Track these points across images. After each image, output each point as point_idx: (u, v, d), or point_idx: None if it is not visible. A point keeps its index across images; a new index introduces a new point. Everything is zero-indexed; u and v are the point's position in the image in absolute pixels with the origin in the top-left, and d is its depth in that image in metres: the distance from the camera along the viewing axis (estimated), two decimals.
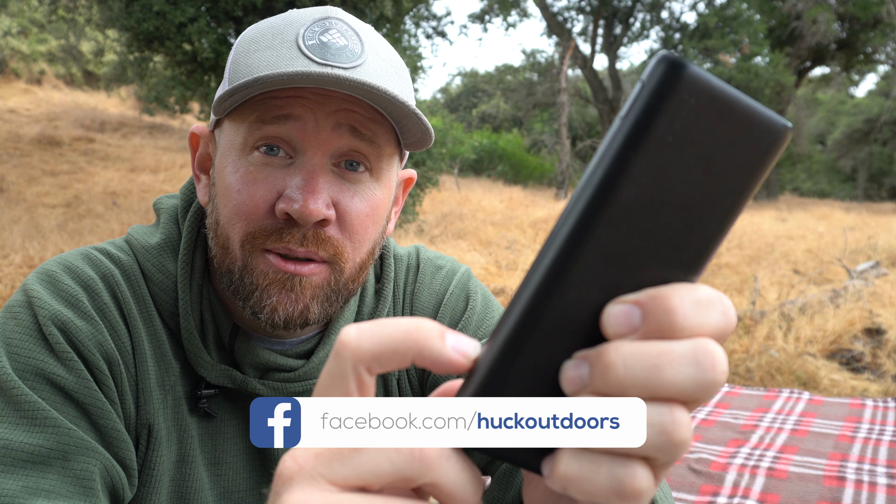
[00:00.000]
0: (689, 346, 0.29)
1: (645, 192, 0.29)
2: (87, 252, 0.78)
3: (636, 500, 0.30)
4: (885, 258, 8.25)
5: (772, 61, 20.37)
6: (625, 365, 0.29)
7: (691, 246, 0.31)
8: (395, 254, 0.94)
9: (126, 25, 9.10)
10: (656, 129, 0.28)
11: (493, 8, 23.69)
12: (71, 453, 0.66)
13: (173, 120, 18.86)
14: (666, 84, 0.28)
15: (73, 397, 0.69)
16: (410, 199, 8.66)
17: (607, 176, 0.29)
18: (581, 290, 0.30)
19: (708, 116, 0.29)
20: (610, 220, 0.29)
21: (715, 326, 0.30)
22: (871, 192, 27.91)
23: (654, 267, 0.31)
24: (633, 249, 0.30)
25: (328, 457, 0.30)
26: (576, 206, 0.30)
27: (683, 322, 0.30)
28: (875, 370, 4.45)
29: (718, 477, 1.63)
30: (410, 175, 0.88)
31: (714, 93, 0.29)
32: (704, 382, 0.29)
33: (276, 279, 0.73)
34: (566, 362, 0.31)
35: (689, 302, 0.30)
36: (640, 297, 0.30)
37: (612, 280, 0.30)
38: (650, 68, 0.29)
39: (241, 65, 0.73)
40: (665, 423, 0.29)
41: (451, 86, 38.68)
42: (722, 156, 0.30)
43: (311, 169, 0.71)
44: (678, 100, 0.28)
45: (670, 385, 0.29)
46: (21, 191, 10.12)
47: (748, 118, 0.29)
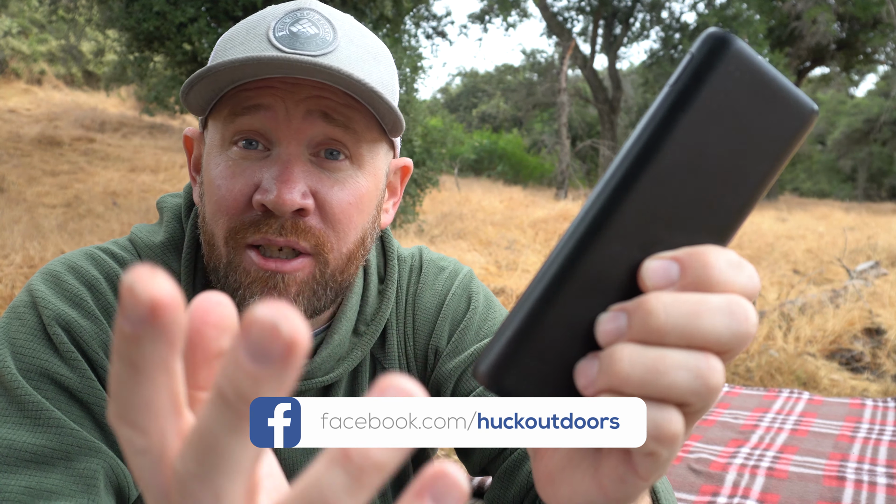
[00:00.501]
0: (724, 299, 0.31)
1: (687, 154, 0.31)
2: (91, 252, 0.79)
3: (672, 443, 0.31)
4: (885, 258, 8.25)
5: (772, 61, 20.37)
6: (666, 311, 0.31)
7: (724, 212, 0.33)
8: (400, 255, 0.94)
9: (126, 25, 9.10)
10: (702, 95, 0.31)
11: (493, 8, 23.68)
12: (74, 453, 0.66)
13: (173, 120, 18.86)
14: (713, 55, 0.31)
15: (78, 397, 0.69)
16: (410, 199, 8.66)
17: (654, 135, 0.31)
18: (620, 244, 0.32)
19: (749, 89, 0.31)
20: (653, 177, 0.31)
21: (744, 286, 0.32)
22: (870, 192, 27.91)
23: (690, 229, 0.32)
24: (672, 208, 0.32)
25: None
26: (622, 163, 0.31)
27: (719, 276, 0.31)
28: (875, 370, 4.45)
29: (718, 477, 1.63)
30: (406, 163, 0.87)
31: (756, 68, 0.31)
32: (738, 332, 0.31)
33: (258, 277, 0.73)
34: (601, 315, 0.32)
35: (724, 260, 0.32)
36: (677, 253, 0.32)
37: (650, 237, 0.32)
38: (699, 41, 0.31)
39: (215, 62, 0.74)
40: (702, 367, 0.30)
41: (451, 86, 38.69)
42: (757, 128, 0.32)
43: (285, 159, 0.71)
44: (724, 70, 0.31)
45: (708, 332, 0.30)
46: (21, 191, 10.12)
47: (783, 95, 0.32)
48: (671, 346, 0.31)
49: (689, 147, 0.31)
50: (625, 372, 0.31)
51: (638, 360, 0.30)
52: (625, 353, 0.31)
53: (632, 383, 0.31)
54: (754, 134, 0.32)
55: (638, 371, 0.30)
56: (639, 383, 0.30)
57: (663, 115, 0.31)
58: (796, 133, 0.32)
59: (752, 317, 0.31)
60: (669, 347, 0.30)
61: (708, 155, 0.31)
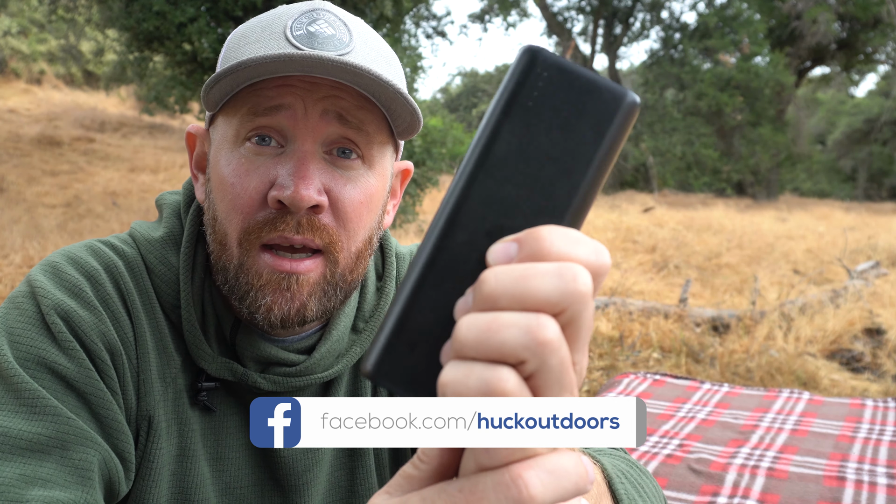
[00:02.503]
0: (555, 264, 0.33)
1: (515, 146, 0.36)
2: (92, 244, 0.79)
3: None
4: (885, 258, 8.25)
5: (772, 61, 20.36)
6: (496, 278, 0.33)
7: (561, 195, 0.36)
8: (398, 252, 0.94)
9: (126, 25, 9.11)
10: (518, 96, 0.36)
11: (493, 8, 23.69)
12: (70, 442, 0.66)
13: (173, 120, 18.87)
14: (523, 63, 0.36)
15: (74, 387, 0.69)
16: (410, 199, 8.66)
17: (485, 134, 0.36)
18: (469, 233, 0.36)
19: (558, 85, 0.36)
20: (489, 171, 0.36)
21: (585, 258, 0.34)
22: (871, 192, 27.91)
23: (530, 214, 0.36)
24: (511, 198, 0.36)
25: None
26: (465, 164, 0.36)
27: (551, 247, 0.34)
28: (875, 370, 4.45)
29: (718, 477, 1.63)
30: (407, 167, 0.88)
31: (562, 67, 0.36)
32: (566, 291, 0.33)
33: (270, 280, 0.73)
34: (459, 299, 0.36)
35: (558, 234, 0.34)
36: (517, 235, 0.35)
37: (495, 226, 0.36)
38: (516, 56, 0.37)
39: (231, 59, 0.74)
40: (531, 325, 0.32)
41: (451, 86, 38.70)
42: (574, 118, 0.36)
43: (301, 156, 0.71)
44: (534, 73, 0.36)
45: (535, 292, 0.33)
46: (21, 191, 10.13)
47: (592, 87, 0.36)
48: (505, 309, 0.33)
49: (515, 140, 0.36)
50: (463, 335, 0.33)
51: (473, 324, 0.33)
52: (464, 321, 0.33)
53: (469, 346, 0.32)
54: (572, 122, 0.36)
55: (473, 333, 0.32)
56: (474, 344, 0.32)
57: (491, 119, 0.36)
58: (614, 118, 0.36)
59: (583, 278, 0.33)
60: (503, 311, 0.33)
61: (534, 145, 0.36)
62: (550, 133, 0.36)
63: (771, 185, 22.44)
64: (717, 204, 16.74)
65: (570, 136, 0.36)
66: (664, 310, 5.21)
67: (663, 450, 1.84)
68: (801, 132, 25.70)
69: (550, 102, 0.36)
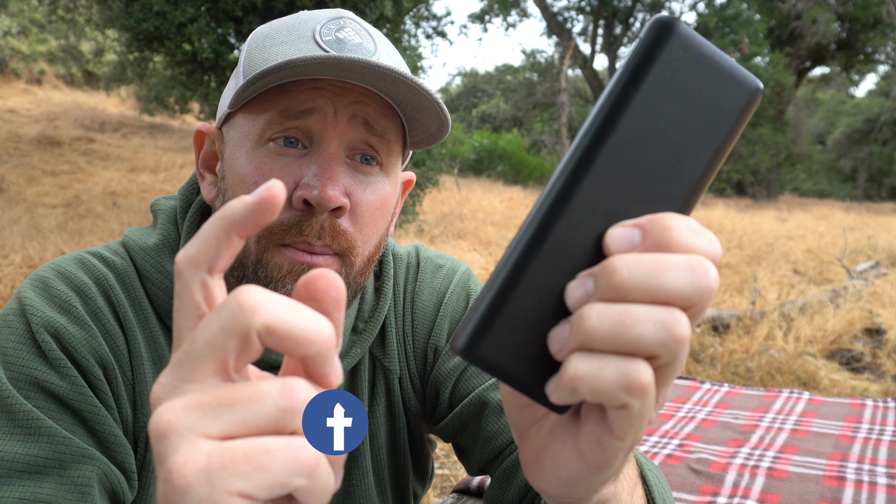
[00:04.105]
0: (685, 257, 0.33)
1: (641, 127, 0.34)
2: (81, 257, 0.78)
3: (643, 393, 0.32)
4: (885, 258, 8.24)
5: (772, 61, 20.36)
6: (629, 269, 0.32)
7: (681, 182, 0.35)
8: (395, 252, 0.94)
9: (126, 25, 9.09)
10: (651, 74, 0.34)
11: (493, 8, 23.68)
12: (67, 461, 0.66)
13: (173, 120, 18.86)
14: (659, 37, 0.34)
15: (69, 405, 0.69)
16: (410, 199, 8.66)
17: (609, 111, 0.34)
18: (585, 215, 0.34)
19: (694, 67, 0.34)
20: (611, 150, 0.34)
21: (705, 248, 0.34)
22: (871, 192, 27.92)
23: (649, 199, 0.35)
24: (631, 180, 0.34)
25: (201, 412, 0.31)
26: (582, 139, 0.34)
27: (679, 238, 0.33)
28: (875, 370, 4.45)
29: (718, 477, 1.63)
30: (410, 177, 0.89)
31: (700, 48, 0.34)
32: (699, 287, 0.32)
33: (291, 271, 0.73)
34: (570, 283, 0.34)
35: (683, 224, 0.33)
36: (639, 220, 0.34)
37: (612, 208, 0.34)
38: (647, 27, 0.35)
39: (258, 59, 0.73)
40: (667, 319, 0.32)
41: (451, 86, 38.69)
42: (705, 103, 0.35)
43: (327, 157, 0.72)
44: (669, 50, 0.34)
45: (670, 287, 0.32)
46: (21, 191, 10.12)
47: (728, 73, 0.35)
48: (636, 301, 0.32)
49: (642, 122, 0.34)
50: (594, 328, 0.32)
51: (606, 316, 0.32)
52: (593, 311, 0.32)
53: (601, 338, 0.32)
54: (703, 108, 0.35)
55: (606, 325, 0.32)
56: (608, 337, 0.32)
57: (618, 93, 0.34)
58: (742, 107, 0.35)
59: (713, 273, 0.33)
60: (635, 303, 0.32)
61: (661, 129, 0.34)
62: (679, 115, 0.34)
63: (771, 185, 22.44)
64: (717, 204, 16.75)
65: (698, 120, 0.35)
66: None
67: (663, 450, 1.84)
68: (801, 132, 25.69)
69: (683, 83, 0.34)
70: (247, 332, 0.30)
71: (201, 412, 0.30)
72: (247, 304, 0.30)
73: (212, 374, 0.31)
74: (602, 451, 0.34)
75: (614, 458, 0.35)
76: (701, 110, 0.34)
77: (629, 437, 0.34)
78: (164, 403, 0.31)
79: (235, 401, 0.30)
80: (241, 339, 0.30)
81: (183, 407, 0.30)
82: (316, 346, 0.31)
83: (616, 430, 0.33)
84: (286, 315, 0.31)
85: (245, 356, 0.31)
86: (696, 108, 0.34)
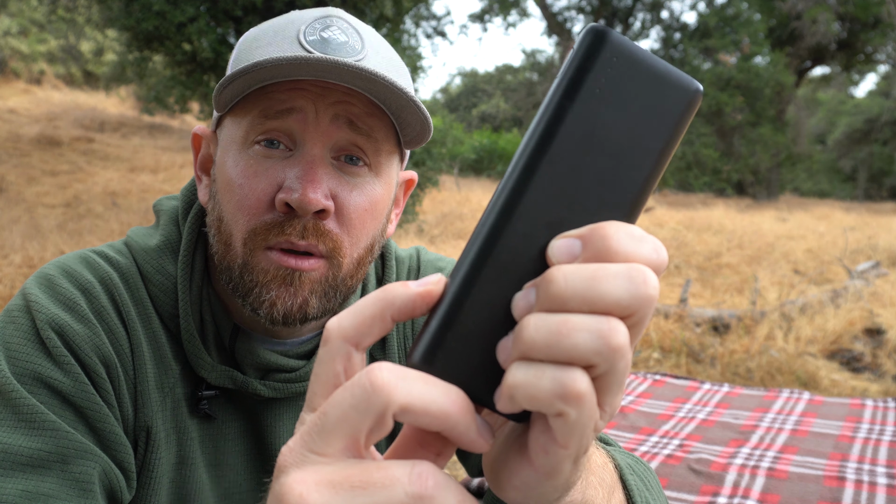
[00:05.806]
0: (624, 266, 0.33)
1: (580, 137, 0.34)
2: (86, 255, 0.78)
3: (578, 402, 0.32)
4: (886, 258, 8.24)
5: (772, 61, 20.37)
6: (565, 279, 0.32)
7: (624, 189, 0.35)
8: (397, 255, 0.94)
9: (126, 25, 9.09)
10: (585, 83, 0.34)
11: (493, 8, 23.69)
12: (70, 457, 0.66)
13: (173, 120, 18.87)
14: (592, 46, 0.34)
15: (71, 401, 0.69)
16: (410, 199, 8.64)
17: (547, 123, 0.34)
18: (529, 227, 0.34)
19: (629, 73, 0.34)
20: (551, 161, 0.34)
21: (647, 257, 0.34)
22: (871, 192, 27.93)
23: (592, 207, 0.35)
24: (574, 190, 0.34)
25: (333, 491, 0.31)
26: (522, 152, 0.34)
27: (618, 247, 0.33)
28: (875, 370, 4.45)
29: (718, 477, 1.63)
30: (411, 177, 0.88)
31: (633, 54, 0.34)
32: (637, 295, 0.32)
33: (276, 275, 0.72)
34: (516, 294, 0.35)
35: (623, 233, 0.33)
36: (580, 230, 0.34)
37: (555, 219, 0.34)
38: (579, 36, 0.34)
39: (243, 61, 0.74)
40: (603, 329, 0.32)
41: (451, 86, 38.72)
42: (643, 109, 0.34)
43: (310, 160, 0.71)
44: (602, 59, 0.34)
45: (607, 296, 0.32)
46: (21, 191, 10.12)
47: (664, 76, 0.35)
48: (575, 311, 0.32)
49: (580, 131, 0.34)
50: (531, 337, 0.32)
51: (542, 326, 0.32)
52: (531, 321, 0.32)
53: (538, 348, 0.32)
54: (641, 114, 0.34)
55: (542, 335, 0.32)
56: (544, 347, 0.32)
57: (555, 105, 0.34)
58: (682, 109, 0.35)
59: (652, 281, 0.33)
60: (573, 313, 0.32)
61: (600, 137, 0.34)
62: (618, 121, 0.34)
63: (771, 185, 22.44)
64: (718, 204, 16.75)
65: (638, 126, 0.35)
66: (664, 310, 5.20)
67: (663, 450, 1.84)
68: (801, 132, 25.69)
69: (619, 89, 0.34)
70: (383, 414, 0.31)
71: (334, 492, 0.31)
72: (380, 386, 0.31)
73: (342, 449, 0.32)
74: (548, 459, 0.35)
75: (560, 465, 0.35)
76: (639, 116, 0.34)
77: (572, 445, 0.34)
78: (294, 473, 0.32)
79: (367, 484, 0.31)
80: (375, 419, 0.31)
81: (315, 483, 0.31)
82: (453, 420, 0.32)
83: (558, 437, 0.34)
84: (419, 392, 0.32)
85: (377, 434, 0.32)
86: (635, 114, 0.34)
